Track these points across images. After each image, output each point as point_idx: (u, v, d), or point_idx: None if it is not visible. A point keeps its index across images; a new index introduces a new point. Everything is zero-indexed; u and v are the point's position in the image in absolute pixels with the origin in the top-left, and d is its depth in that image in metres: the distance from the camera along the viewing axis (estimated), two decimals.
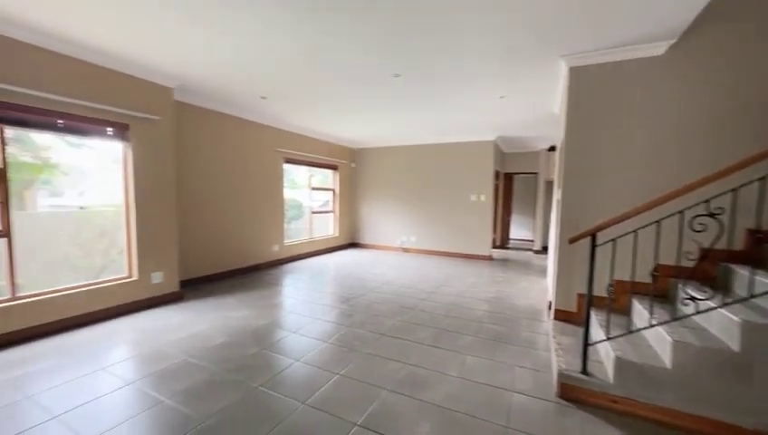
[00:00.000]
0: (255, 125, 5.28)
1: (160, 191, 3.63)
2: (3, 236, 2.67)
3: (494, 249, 7.89)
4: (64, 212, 7.26)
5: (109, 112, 3.16)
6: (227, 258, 4.91)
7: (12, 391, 2.07)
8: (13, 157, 6.19)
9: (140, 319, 3.25)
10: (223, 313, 3.45)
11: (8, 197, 2.68)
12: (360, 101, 4.39)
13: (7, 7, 2.29)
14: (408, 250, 7.45)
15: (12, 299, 2.70)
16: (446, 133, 6.51)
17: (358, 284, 4.67)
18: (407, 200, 7.43)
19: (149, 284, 3.56)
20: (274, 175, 5.74)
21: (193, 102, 4.28)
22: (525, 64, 3.15)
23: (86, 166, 7.09)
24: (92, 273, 5.20)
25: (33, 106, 2.69)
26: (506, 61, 3.08)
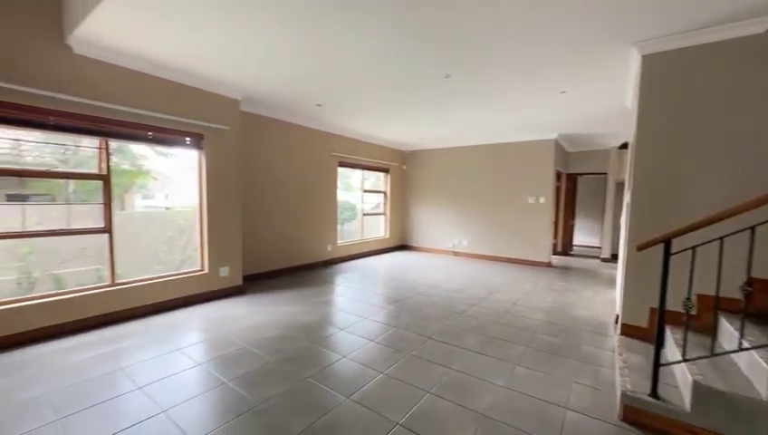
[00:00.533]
0: (312, 131, 5.59)
1: (228, 194, 4.02)
2: (106, 232, 3.16)
3: (554, 256, 7.37)
4: (153, 212, 8.34)
5: (187, 124, 3.58)
6: (284, 256, 5.25)
7: (110, 362, 2.44)
8: (115, 165, 7.26)
9: (209, 308, 3.62)
10: (278, 307, 3.70)
11: (111, 199, 3.16)
12: (411, 103, 4.41)
13: (108, 39, 2.73)
14: (458, 254, 7.27)
15: (111, 285, 3.18)
16: (502, 133, 6.25)
17: (406, 286, 4.68)
18: (459, 202, 7.26)
19: (217, 277, 3.95)
20: (329, 178, 6.00)
21: (256, 112, 4.67)
22: (589, 55, 2.91)
23: (171, 172, 8.09)
24: (174, 265, 5.91)
25: (129, 121, 3.16)
26: (567, 53, 2.87)
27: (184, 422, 1.82)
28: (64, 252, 4.53)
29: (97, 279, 5.06)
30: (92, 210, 5.83)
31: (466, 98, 4.14)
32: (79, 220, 3.65)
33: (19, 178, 2.72)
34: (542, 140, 6.21)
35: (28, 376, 2.22)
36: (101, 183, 3.13)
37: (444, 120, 5.27)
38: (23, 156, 5.12)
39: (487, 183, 6.87)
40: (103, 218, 3.16)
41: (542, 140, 6.21)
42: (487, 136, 6.52)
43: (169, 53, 2.97)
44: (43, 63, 2.68)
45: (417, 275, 5.39)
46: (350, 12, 2.31)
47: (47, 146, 3.37)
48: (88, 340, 2.77)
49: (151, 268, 5.85)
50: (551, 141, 6.14)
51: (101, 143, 3.09)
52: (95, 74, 2.94)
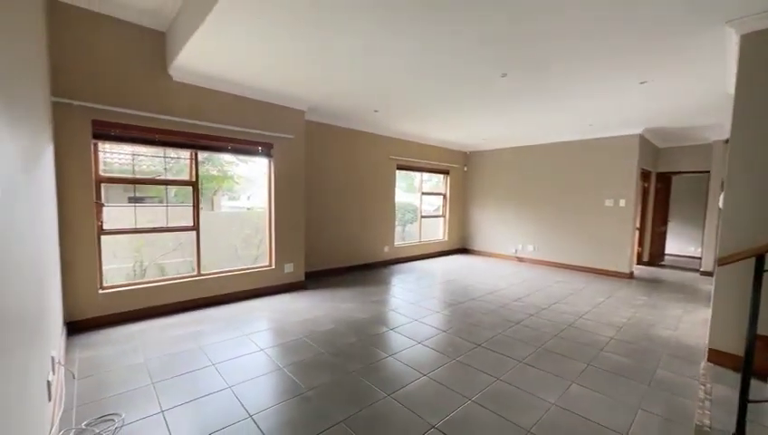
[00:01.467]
0: (370, 135, 5.80)
1: (292, 197, 4.40)
2: (194, 229, 3.72)
3: (638, 265, 6.51)
4: (235, 212, 9.39)
5: (260, 135, 4.02)
6: (343, 256, 5.53)
7: (192, 340, 2.87)
8: (206, 171, 8.31)
9: (274, 301, 4.00)
10: (335, 303, 3.93)
11: (199, 201, 3.70)
12: (468, 105, 4.32)
13: (198, 66, 3.21)
14: (522, 260, 6.85)
15: (197, 275, 3.73)
16: (573, 130, 5.73)
17: (462, 291, 4.59)
18: (524, 205, 6.85)
19: (282, 273, 4.35)
20: (387, 181, 6.16)
21: (318, 120, 5.01)
22: (674, 39, 2.55)
23: (250, 176, 9.02)
24: (250, 260, 6.61)
25: (213, 135, 3.67)
26: (647, 37, 2.55)
27: (244, 398, 2.08)
28: (166, 245, 5.43)
29: (190, 269, 5.89)
30: (186, 211, 6.80)
31: (530, 96, 3.92)
32: (178, 219, 4.34)
33: (134, 184, 3.35)
34: (623, 136, 5.55)
35: (133, 346, 2.73)
36: (191, 188, 3.68)
37: (507, 119, 5.05)
38: (139, 166, 6.23)
39: (557, 185, 6.35)
40: (192, 218, 3.71)
41: (623, 136, 5.55)
42: (556, 134, 6.04)
43: (249, 75, 3.39)
44: (152, 91, 3.26)
45: (474, 280, 5.23)
46: (404, 21, 2.39)
47: (154, 158, 4.12)
48: (178, 320, 3.29)
49: (231, 262, 6.65)
50: (634, 137, 5.46)
51: (191, 154, 3.65)
52: (188, 97, 3.48)
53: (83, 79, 2.91)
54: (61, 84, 2.81)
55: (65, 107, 2.83)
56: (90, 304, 3.05)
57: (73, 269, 2.95)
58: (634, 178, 5.47)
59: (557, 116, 4.84)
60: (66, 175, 2.88)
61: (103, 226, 3.18)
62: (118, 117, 3.10)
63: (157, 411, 1.94)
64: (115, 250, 5.35)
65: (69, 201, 2.90)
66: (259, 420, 1.89)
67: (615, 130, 5.53)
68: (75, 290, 2.97)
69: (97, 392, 2.10)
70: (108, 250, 5.38)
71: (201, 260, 3.85)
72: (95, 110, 2.98)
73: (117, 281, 5.48)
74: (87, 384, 2.18)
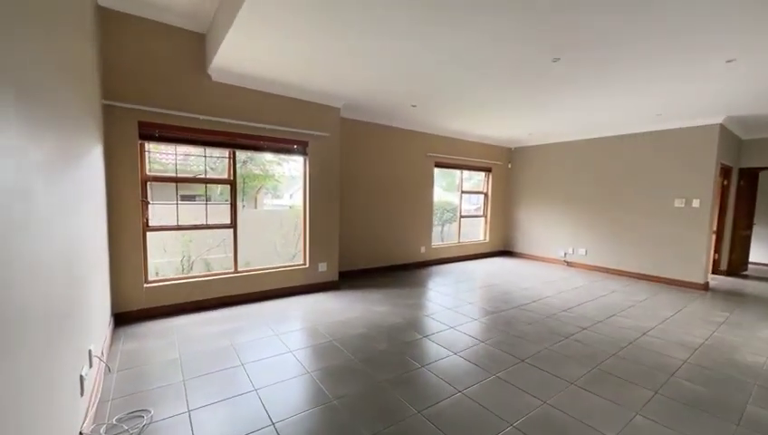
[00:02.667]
0: (407, 132, 5.61)
1: (327, 195, 4.35)
2: (231, 227, 3.79)
3: (715, 275, 5.69)
4: (274, 210, 9.64)
5: (295, 133, 4.01)
6: (378, 256, 5.41)
7: (225, 338, 2.89)
8: (249, 170, 8.58)
9: (307, 300, 3.97)
10: (368, 305, 3.81)
11: (236, 199, 3.77)
12: (513, 96, 3.97)
13: (234, 65, 3.24)
14: (572, 265, 6.28)
15: (234, 272, 3.80)
16: (636, 121, 5.10)
17: (504, 297, 4.26)
18: (575, 205, 6.26)
19: (316, 272, 4.32)
20: (425, 179, 5.93)
21: (353, 117, 4.92)
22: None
23: (290, 175, 9.24)
24: (288, 258, 6.74)
25: (250, 134, 3.71)
26: (739, 6, 2.12)
27: (269, 403, 2.01)
28: (211, 241, 5.67)
29: (231, 265, 6.08)
30: (224, 209, 7.03)
31: (587, 82, 3.50)
32: (218, 217, 4.48)
33: (176, 183, 3.48)
34: (699, 126, 4.83)
35: (171, 341, 2.81)
36: (229, 187, 3.75)
37: (558, 111, 4.61)
38: (183, 165, 6.57)
39: (615, 183, 5.72)
40: (229, 216, 3.78)
41: (699, 126, 4.83)
42: (616, 126, 5.42)
43: (280, 73, 3.37)
44: (193, 91, 3.36)
45: (518, 285, 4.85)
46: (447, 10, 2.18)
47: (198, 157, 4.29)
48: (214, 316, 3.35)
49: (270, 259, 6.83)
50: (713, 127, 4.73)
51: (229, 153, 3.71)
52: (226, 96, 3.54)
53: (130, 82, 3.05)
54: (110, 87, 2.96)
55: (114, 109, 2.98)
56: (135, 296, 3.20)
57: (121, 263, 3.11)
58: (712, 175, 4.75)
59: (618, 106, 4.30)
60: (115, 174, 3.03)
61: (149, 222, 3.33)
62: (161, 118, 3.21)
63: (183, 411, 1.93)
64: (165, 245, 5.71)
65: (117, 199, 3.06)
66: (281, 428, 1.80)
67: (689, 119, 4.83)
68: (123, 283, 3.12)
69: (132, 386, 2.15)
70: (158, 245, 5.74)
71: (238, 257, 3.92)
72: (141, 111, 3.11)
73: (167, 274, 5.85)
74: (124, 377, 2.25)
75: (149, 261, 3.48)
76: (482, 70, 3.23)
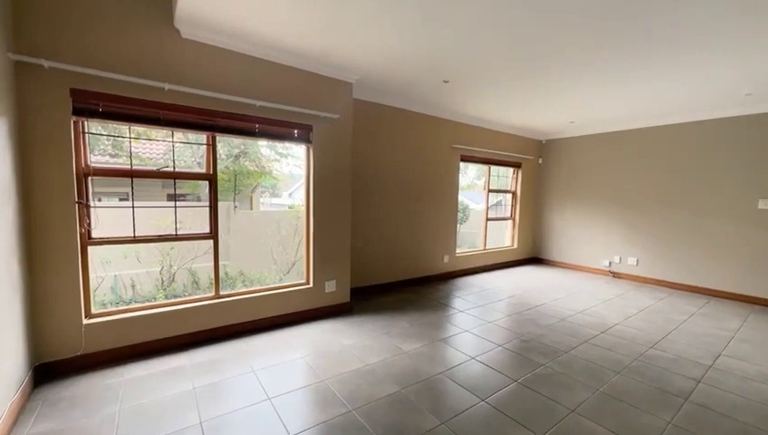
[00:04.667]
0: (429, 119, 4.66)
1: (337, 193, 3.41)
2: (210, 237, 2.84)
3: None
4: (271, 211, 8.63)
5: (295, 114, 3.06)
6: (396, 268, 4.48)
7: (190, 408, 1.95)
8: (242, 167, 7.58)
9: (311, 331, 3.02)
10: (392, 340, 2.87)
11: (216, 201, 2.82)
12: (571, 72, 3.03)
13: (210, 15, 2.29)
14: (619, 276, 5.36)
15: (214, 298, 2.84)
16: (705, 105, 4.17)
17: (562, 326, 3.33)
18: (623, 206, 5.34)
19: (322, 292, 3.37)
20: (449, 175, 5.00)
21: (366, 98, 3.97)
22: None
23: (288, 170, 8.24)
24: (286, 266, 5.81)
25: (235, 113, 2.76)
26: None
27: None
28: (197, 247, 4.73)
29: (224, 275, 5.16)
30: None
31: (668, 45, 2.55)
32: (200, 224, 3.60)
33: (130, 177, 2.52)
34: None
35: (109, 414, 1.86)
36: (208, 184, 2.80)
37: (615, 91, 3.66)
38: (155, 155, 5.58)
39: (676, 180, 4.80)
40: (208, 222, 2.83)
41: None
42: (676, 111, 4.48)
43: (274, 27, 2.42)
44: (153, 51, 2.40)
45: (570, 306, 3.92)
46: None
47: (163, 143, 3.31)
48: (182, 364, 2.40)
49: (267, 266, 5.90)
50: None
51: (208, 138, 2.76)
52: (201, 60, 2.59)
53: (58, 30, 2.10)
54: (26, 36, 2.01)
55: (32, 69, 2.04)
56: (69, 339, 2.25)
57: (47, 292, 2.16)
58: None
59: (699, 82, 3.37)
60: (36, 164, 2.09)
61: (91, 233, 2.38)
62: (107, 85, 2.26)
63: None
64: (139, 254, 4.77)
65: (40, 201, 2.11)
66: None
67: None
68: (49, 321, 2.18)
69: None
70: (129, 253, 4.81)
71: (228, 268, 2.98)
72: (76, 75, 2.17)
73: (145, 287, 4.91)
74: None
75: (127, 273, 2.55)
76: (556, 13, 2.28)
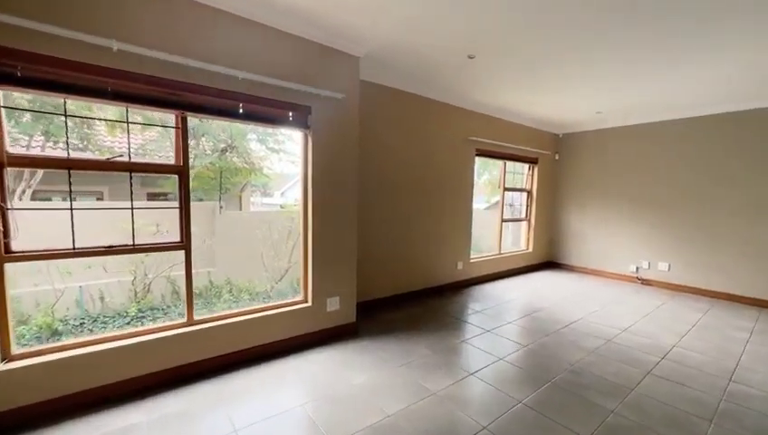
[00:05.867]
0: (444, 107, 4.08)
1: (341, 190, 2.81)
2: (182, 247, 2.21)
3: None
4: (261, 211, 7.92)
5: (290, 92, 2.44)
6: (404, 277, 3.89)
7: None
8: (230, 163, 6.87)
9: (312, 365, 2.41)
10: (415, 375, 2.28)
11: (187, 200, 2.19)
12: (607, 48, 2.48)
13: None
14: (648, 283, 4.86)
15: (187, 325, 2.21)
16: (745, 93, 3.67)
17: (611, 348, 2.79)
18: (650, 206, 4.84)
19: (323, 312, 2.76)
20: (464, 170, 4.43)
21: (372, 79, 3.36)
22: None
23: (280, 167, 7.52)
24: (278, 273, 5.18)
25: (210, 87, 2.14)
26: None
27: None
28: (176, 255, 4.09)
29: (208, 283, 4.50)
30: (205, 212, 5.41)
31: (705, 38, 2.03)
32: (170, 230, 2.98)
33: (67, 169, 1.88)
34: None
35: None
36: (177, 179, 2.17)
37: (646, 76, 3.15)
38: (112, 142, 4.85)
39: (713, 177, 4.30)
40: (179, 229, 2.20)
41: None
42: (712, 101, 3.97)
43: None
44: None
45: (609, 322, 3.38)
46: None
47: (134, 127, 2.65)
48: (132, 422, 1.76)
49: (257, 273, 5.27)
50: None
51: (177, 120, 2.14)
52: (166, 16, 1.97)
53: None
54: None
55: None
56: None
57: None
58: None
59: (736, 67, 2.87)
60: None
61: (10, 245, 1.74)
62: (29, 40, 1.63)
63: None
64: (105, 262, 4.09)
65: None
66: None
67: None
68: None
69: None
70: (95, 263, 4.13)
71: (206, 284, 2.43)
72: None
73: (116, 299, 4.22)
74: None
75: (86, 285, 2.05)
76: None
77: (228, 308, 4.47)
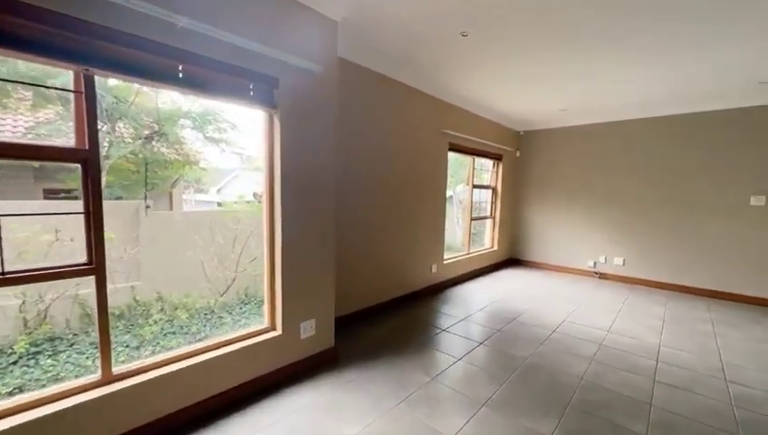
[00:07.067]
0: (420, 95, 3.70)
1: (317, 188, 2.26)
2: (90, 271, 1.50)
3: None
4: (200, 212, 6.83)
5: (251, 55, 1.84)
6: (379, 285, 3.45)
7: None
8: (158, 153, 5.75)
9: (286, 414, 1.85)
10: (420, 414, 1.85)
11: (99, 201, 1.48)
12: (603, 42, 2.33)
13: None
14: (605, 277, 5.06)
15: (102, 383, 1.51)
16: (698, 96, 3.90)
17: (576, 345, 2.69)
18: (606, 203, 5.03)
19: (296, 340, 2.21)
20: (438, 165, 4.11)
21: (347, 57, 2.85)
22: None
23: (223, 159, 6.50)
24: (223, 285, 4.41)
25: (133, 34, 1.46)
26: None
27: None
28: None
29: (133, 302, 3.63)
30: (126, 214, 4.38)
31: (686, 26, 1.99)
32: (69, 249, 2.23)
33: None
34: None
35: None
36: (80, 170, 1.46)
37: (615, 75, 3.13)
38: None
39: (666, 175, 4.56)
40: (86, 245, 1.49)
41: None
42: (670, 102, 4.18)
43: None
44: None
45: (587, 321, 3.32)
46: None
47: None
48: None
49: (196, 285, 4.43)
50: None
51: (76, 81, 1.42)
52: None
53: None
54: None
55: None
56: None
57: None
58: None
59: (709, 67, 2.98)
60: None
61: None
62: None
63: None
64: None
65: None
66: None
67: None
68: None
69: None
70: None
71: (129, 302, 1.88)
72: None
73: (1, 330, 3.12)
74: None
75: None
76: None
77: (160, 331, 3.61)
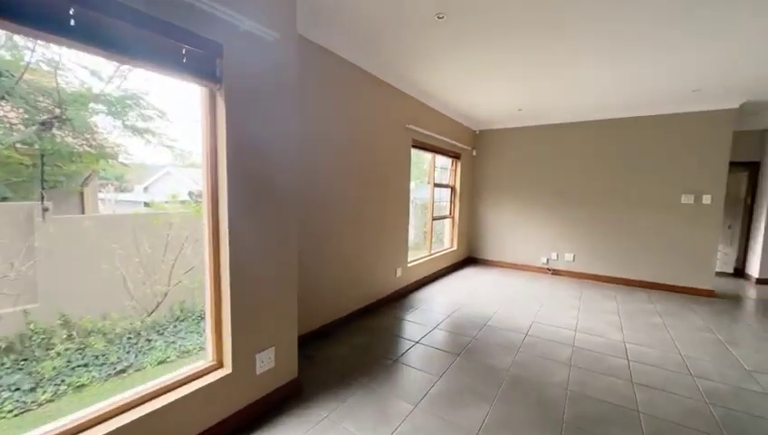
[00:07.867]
0: (385, 86, 3.41)
1: (274, 187, 1.83)
2: None
3: (734, 278, 5.12)
4: (121, 215, 5.77)
5: (184, 8, 1.37)
6: (342, 296, 3.09)
7: None
8: (60, 143, 4.71)
9: None
10: None
11: None
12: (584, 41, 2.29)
13: None
14: (558, 273, 5.25)
15: None
16: (638, 102, 4.19)
17: (555, 350, 2.65)
18: (556, 201, 5.22)
19: (252, 377, 1.76)
20: (401, 163, 3.85)
21: (307, 36, 2.46)
22: None
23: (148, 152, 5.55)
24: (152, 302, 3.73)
25: None
26: None
27: None
28: None
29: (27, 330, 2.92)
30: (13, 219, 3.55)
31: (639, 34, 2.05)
32: None
33: None
34: (709, 111, 4.21)
35: None
36: None
37: (572, 79, 3.19)
38: None
39: (609, 175, 4.83)
40: None
41: (709, 111, 4.21)
42: (612, 107, 4.44)
43: None
44: None
45: (553, 321, 3.31)
46: None
47: None
48: None
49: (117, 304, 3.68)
50: (726, 113, 4.14)
51: None
52: None
53: None
54: None
55: None
56: None
57: None
58: (724, 168, 4.19)
59: (651, 76, 3.19)
60: None
61: None
62: None
63: None
64: None
65: None
66: None
67: (699, 102, 4.14)
68: None
69: None
70: None
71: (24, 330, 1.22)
72: None
73: None
74: None
75: None
76: None
77: (66, 364, 2.92)
